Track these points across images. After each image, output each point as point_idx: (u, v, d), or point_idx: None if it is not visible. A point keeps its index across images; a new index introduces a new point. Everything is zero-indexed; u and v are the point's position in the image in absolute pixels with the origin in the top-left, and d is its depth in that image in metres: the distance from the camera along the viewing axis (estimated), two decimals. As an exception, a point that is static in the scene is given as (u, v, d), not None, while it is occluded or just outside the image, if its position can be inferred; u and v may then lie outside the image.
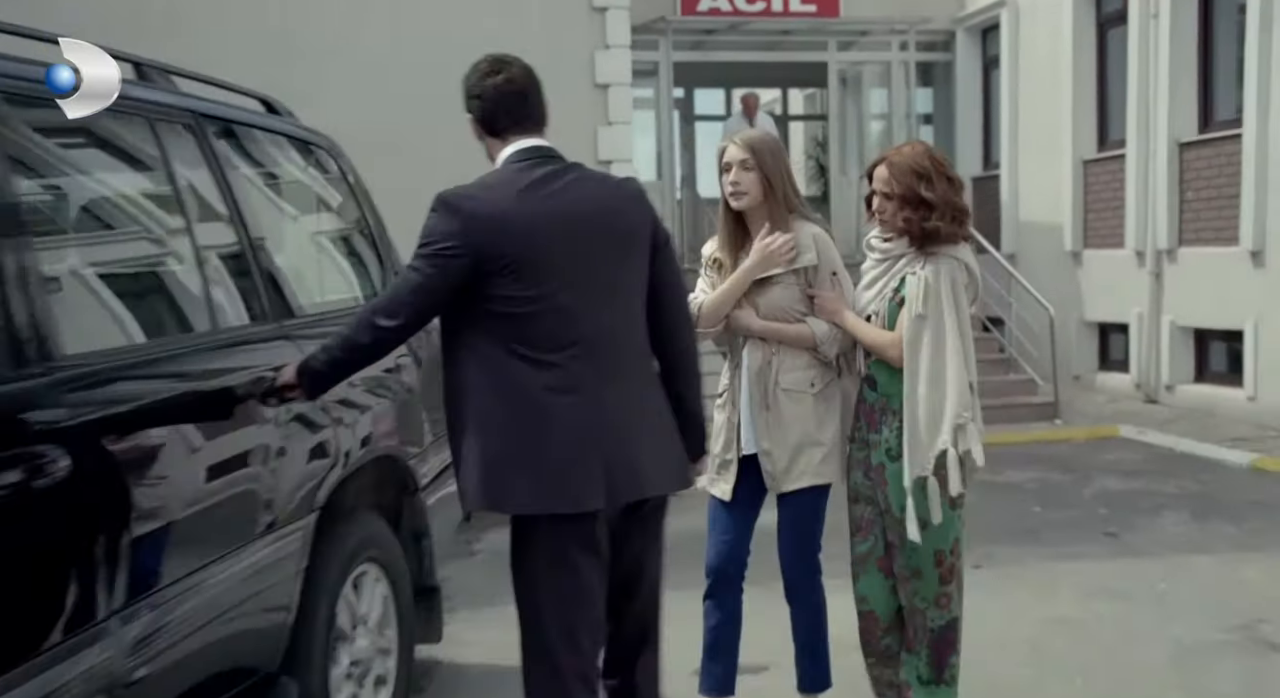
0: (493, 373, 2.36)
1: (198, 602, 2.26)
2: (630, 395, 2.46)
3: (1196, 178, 9.40)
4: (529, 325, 2.35)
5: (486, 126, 2.52)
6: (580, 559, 2.38)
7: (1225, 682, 3.77)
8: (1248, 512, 6.15)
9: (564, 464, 2.34)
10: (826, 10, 12.38)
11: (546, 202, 2.38)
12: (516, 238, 2.33)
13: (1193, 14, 9.49)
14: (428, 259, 2.35)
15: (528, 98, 2.51)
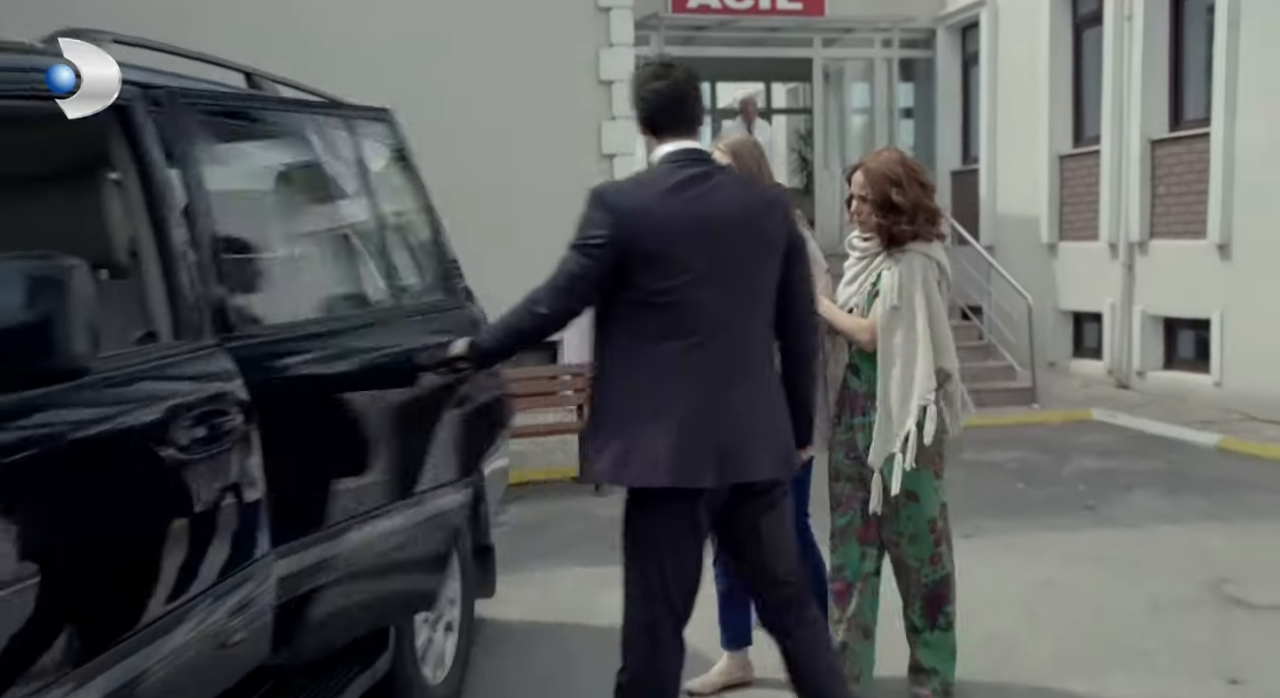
0: (630, 358, 2.60)
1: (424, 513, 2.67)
2: (749, 387, 2.66)
3: (1167, 174, 9.85)
4: (663, 315, 2.57)
5: (648, 126, 2.73)
6: (683, 531, 2.63)
7: (1196, 631, 4.20)
8: (1214, 488, 6.60)
9: (682, 445, 2.55)
10: (812, 9, 12.75)
11: (690, 202, 2.60)
12: (656, 233, 2.56)
13: (1164, 17, 9.94)
14: (581, 249, 2.58)
15: (685, 102, 2.72)
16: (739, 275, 2.63)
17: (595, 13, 8.09)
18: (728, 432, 2.60)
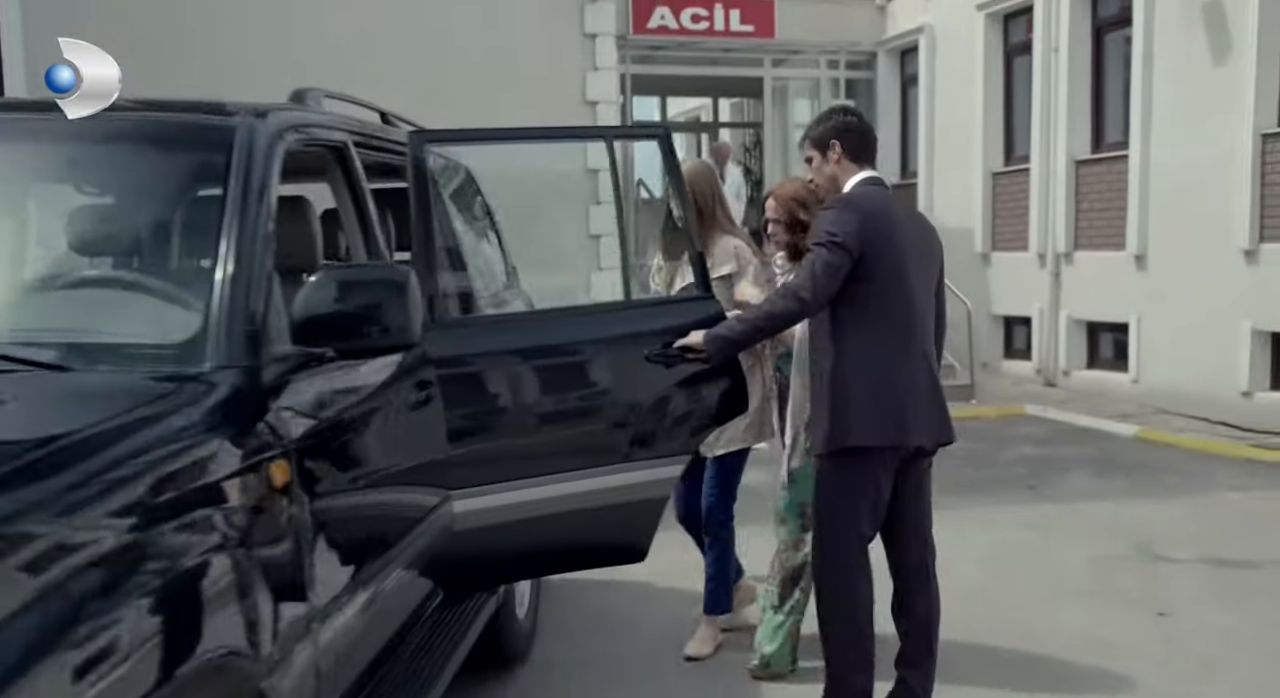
0: (859, 338, 3.19)
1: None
2: (930, 367, 3.26)
3: (1090, 191, 10.86)
4: (886, 304, 3.17)
5: (851, 154, 3.32)
6: (881, 481, 3.24)
7: (1128, 579, 5.05)
8: (1135, 470, 7.52)
9: (894, 410, 3.17)
10: (763, 31, 13.59)
11: (899, 218, 3.27)
12: (885, 239, 3.16)
13: (1086, 49, 10.94)
14: (835, 247, 3.09)
15: (870, 137, 3.38)
16: (925, 278, 3.29)
17: (583, 39, 8.81)
18: (925, 402, 3.25)
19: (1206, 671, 3.95)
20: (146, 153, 2.45)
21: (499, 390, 3.01)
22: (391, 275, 2.18)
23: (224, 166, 2.26)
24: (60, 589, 1.33)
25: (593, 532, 3.15)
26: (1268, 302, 8.82)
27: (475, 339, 2.99)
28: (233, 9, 7.99)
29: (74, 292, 2.23)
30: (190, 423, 1.76)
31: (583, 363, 3.16)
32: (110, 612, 1.40)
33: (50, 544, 1.37)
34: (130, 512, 1.52)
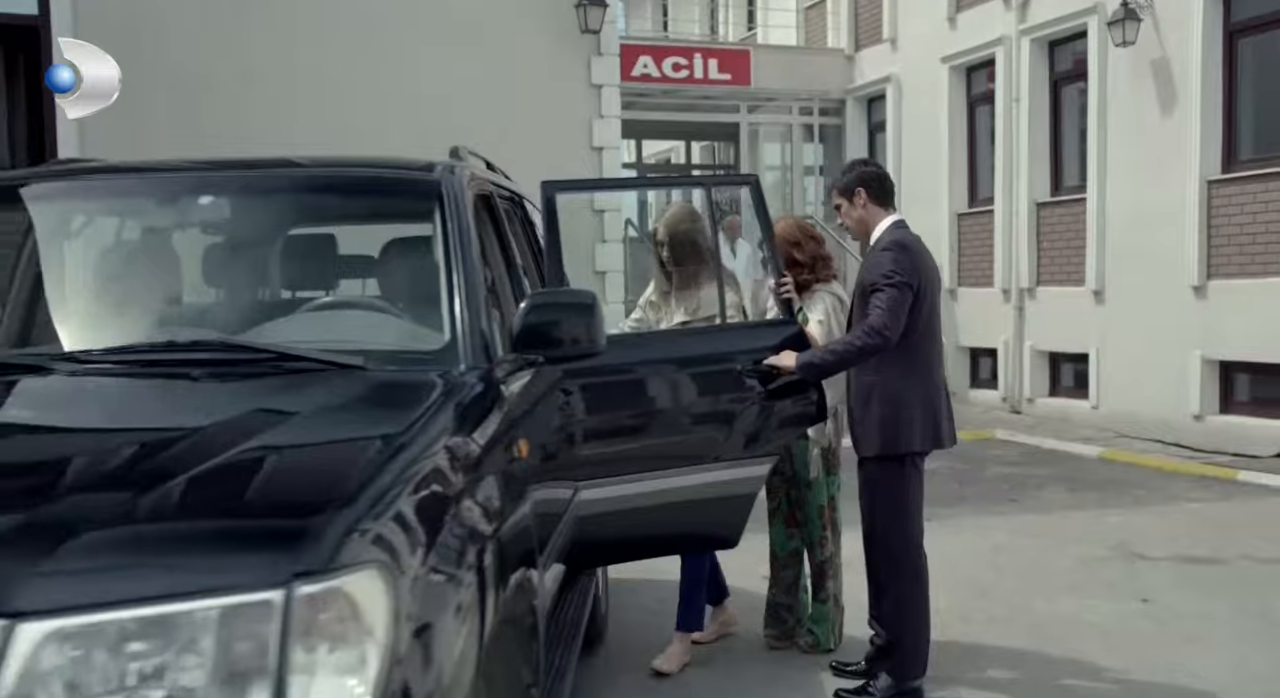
0: (907, 361, 3.80)
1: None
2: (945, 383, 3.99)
3: (1050, 231, 11.69)
4: (924, 330, 3.80)
5: (875, 199, 3.95)
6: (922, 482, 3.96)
7: (1112, 573, 5.71)
8: (1104, 486, 8.23)
9: (941, 419, 3.85)
10: (740, 80, 14.40)
11: (928, 254, 3.92)
12: (926, 274, 3.81)
13: (1045, 100, 11.82)
14: (901, 286, 3.69)
15: (888, 183, 4.03)
16: (939, 310, 3.95)
17: (589, 89, 9.44)
18: (947, 412, 3.92)
19: (1189, 645, 4.59)
20: (375, 200, 3.01)
21: (623, 396, 3.59)
22: (584, 299, 2.74)
23: (437, 211, 2.82)
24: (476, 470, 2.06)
25: (692, 520, 3.72)
26: (1216, 333, 9.65)
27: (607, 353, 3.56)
28: (264, 68, 8.50)
29: (345, 312, 2.78)
30: (470, 400, 2.32)
31: (689, 375, 3.73)
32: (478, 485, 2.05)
33: (460, 449, 2.01)
34: (470, 443, 2.11)
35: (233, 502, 1.67)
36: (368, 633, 1.47)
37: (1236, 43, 9.65)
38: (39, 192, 3.03)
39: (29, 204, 3.00)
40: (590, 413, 3.43)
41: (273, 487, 1.73)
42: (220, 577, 1.43)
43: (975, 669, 4.31)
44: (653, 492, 3.56)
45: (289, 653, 1.41)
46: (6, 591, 1.36)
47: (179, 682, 1.38)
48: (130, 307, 2.80)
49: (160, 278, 2.93)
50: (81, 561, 1.43)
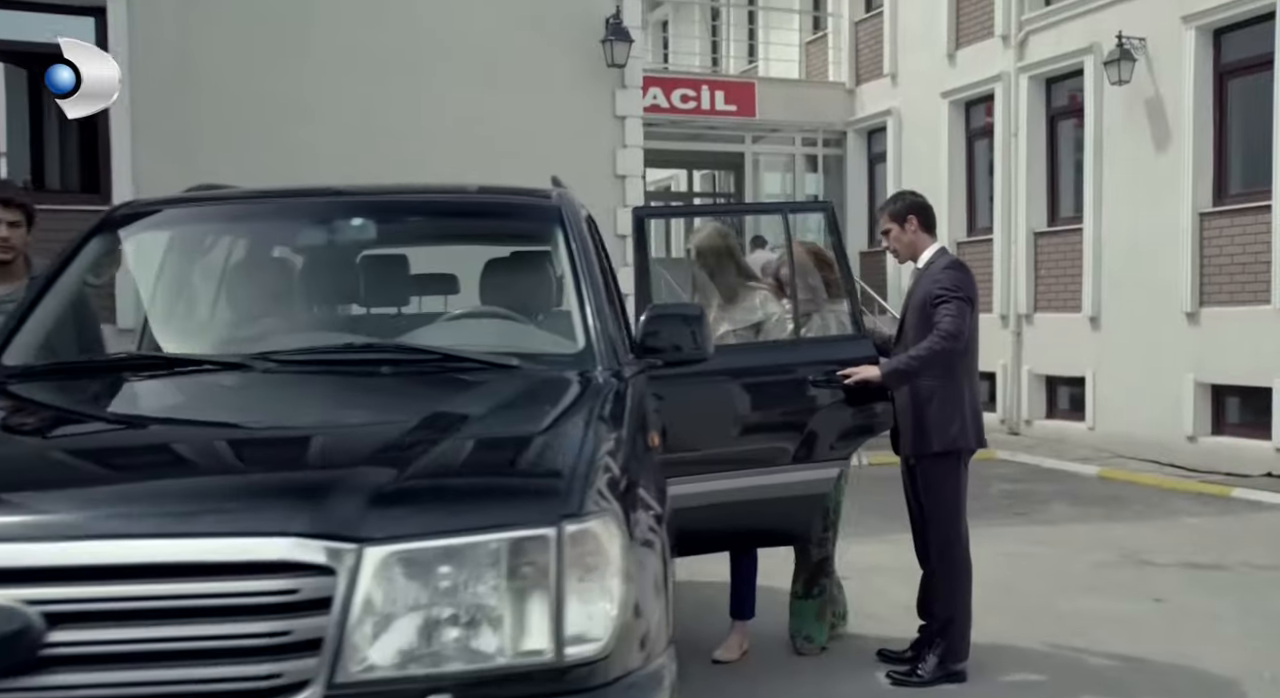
0: (954, 367, 4.25)
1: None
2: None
3: (1047, 259, 12.18)
4: (971, 341, 4.27)
5: (924, 226, 4.45)
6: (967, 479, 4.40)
7: (1125, 576, 6.13)
8: (1105, 502, 8.66)
9: (978, 422, 4.34)
10: (745, 111, 14.90)
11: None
12: (977, 294, 4.35)
13: (1042, 134, 12.35)
14: (963, 300, 4.18)
15: (933, 213, 4.49)
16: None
17: (613, 120, 9.88)
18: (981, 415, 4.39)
19: (1202, 639, 4.99)
20: (503, 222, 3.40)
21: (709, 400, 3.97)
22: (695, 311, 3.13)
23: (560, 231, 3.21)
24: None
25: (767, 517, 4.12)
26: (1208, 358, 10.13)
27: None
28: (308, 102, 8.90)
29: (481, 321, 3.15)
30: (615, 395, 2.69)
31: (768, 384, 4.14)
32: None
33: (630, 433, 2.36)
34: (633, 429, 2.47)
35: (503, 465, 2.09)
36: (609, 562, 1.85)
37: (1226, 83, 10.20)
38: (212, 213, 3.41)
39: (202, 225, 3.37)
40: (683, 413, 3.80)
41: (527, 455, 2.13)
42: (509, 517, 1.81)
43: (1010, 657, 4.70)
44: (734, 489, 3.94)
45: (562, 575, 1.79)
46: (358, 524, 1.74)
47: (479, 595, 1.76)
48: (297, 315, 3.18)
49: (318, 289, 3.31)
50: (406, 504, 1.81)
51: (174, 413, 2.48)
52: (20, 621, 1.63)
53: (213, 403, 2.51)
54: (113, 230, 3.32)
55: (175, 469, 2.09)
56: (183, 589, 1.68)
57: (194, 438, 2.28)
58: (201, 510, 1.81)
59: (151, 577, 1.68)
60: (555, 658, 1.77)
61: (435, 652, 1.74)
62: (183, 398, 2.55)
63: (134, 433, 2.35)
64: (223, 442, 2.23)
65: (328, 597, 1.70)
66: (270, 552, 1.70)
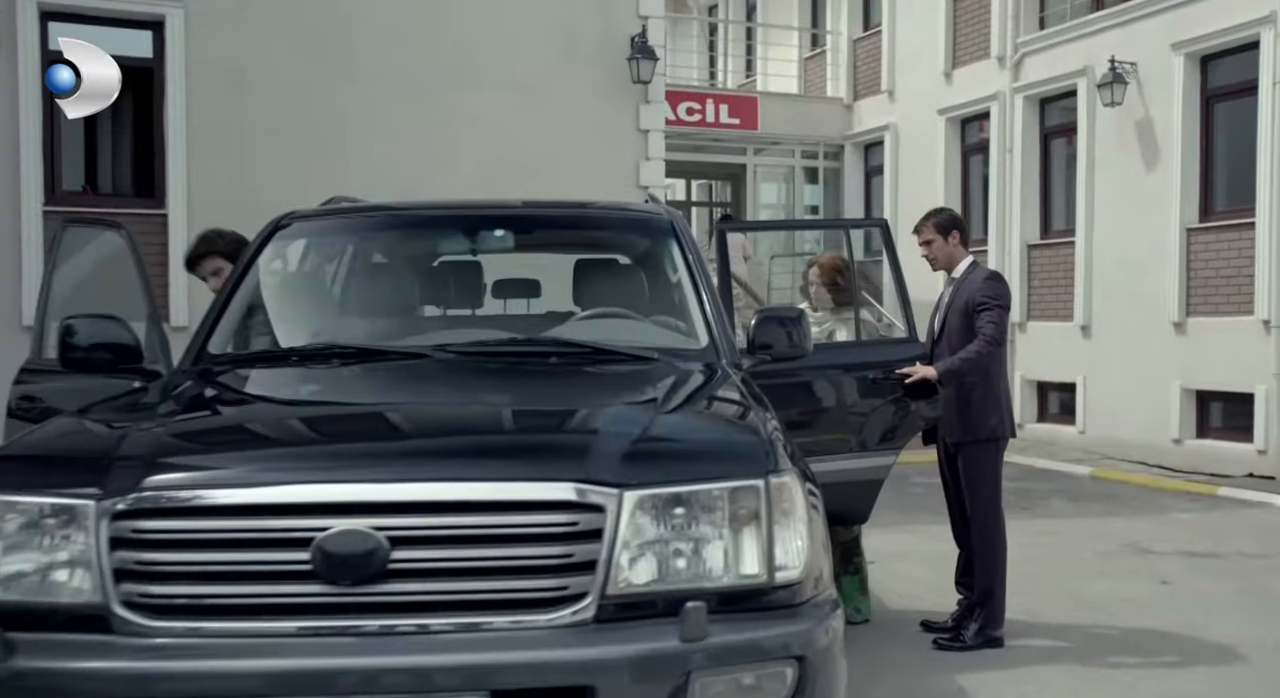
0: (999, 368, 4.87)
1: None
2: None
3: (1040, 270, 12.78)
4: (1007, 342, 4.88)
5: (962, 240, 5.06)
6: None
7: (1130, 562, 6.69)
8: (1101, 499, 9.24)
9: (1011, 413, 4.87)
10: (748, 125, 15.46)
11: None
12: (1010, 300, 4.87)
13: (1036, 151, 12.95)
14: (1003, 308, 4.76)
15: (968, 228, 5.05)
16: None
17: (637, 133, 10.39)
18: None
19: (1208, 614, 5.53)
20: (624, 233, 3.90)
21: (790, 393, 4.46)
22: (795, 314, 3.63)
23: (674, 241, 3.71)
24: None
25: (834, 499, 4.62)
26: (1194, 365, 10.74)
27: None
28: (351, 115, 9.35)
29: (610, 320, 3.61)
30: (745, 383, 3.17)
31: (837, 380, 4.65)
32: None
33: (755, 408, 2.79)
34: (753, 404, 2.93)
35: (712, 431, 2.62)
36: (798, 509, 2.35)
37: (1213, 106, 10.83)
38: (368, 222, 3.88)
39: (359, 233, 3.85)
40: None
41: (726, 425, 2.66)
42: (728, 471, 2.31)
43: (1039, 629, 5.23)
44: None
45: (770, 516, 2.28)
46: (618, 474, 2.22)
47: (708, 530, 2.25)
48: (451, 312, 3.66)
49: (464, 290, 3.79)
50: (650, 460, 2.31)
51: (418, 390, 2.94)
52: (373, 542, 2.11)
53: (438, 383, 2.98)
54: (281, 236, 3.78)
55: (468, 431, 2.58)
56: (492, 521, 2.17)
57: (464, 408, 2.76)
58: (505, 462, 2.32)
59: (469, 512, 2.17)
60: (767, 580, 2.27)
61: (677, 573, 2.23)
62: (410, 379, 3.01)
63: (410, 403, 2.81)
64: (492, 411, 2.72)
65: (599, 529, 2.18)
66: (558, 493, 2.19)
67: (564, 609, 2.15)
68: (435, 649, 2.09)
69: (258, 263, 3.63)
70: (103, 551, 2.14)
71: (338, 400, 2.94)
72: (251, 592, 2.13)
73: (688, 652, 2.12)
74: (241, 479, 2.23)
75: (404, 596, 2.13)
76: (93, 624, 2.14)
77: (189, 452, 2.47)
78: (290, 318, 3.64)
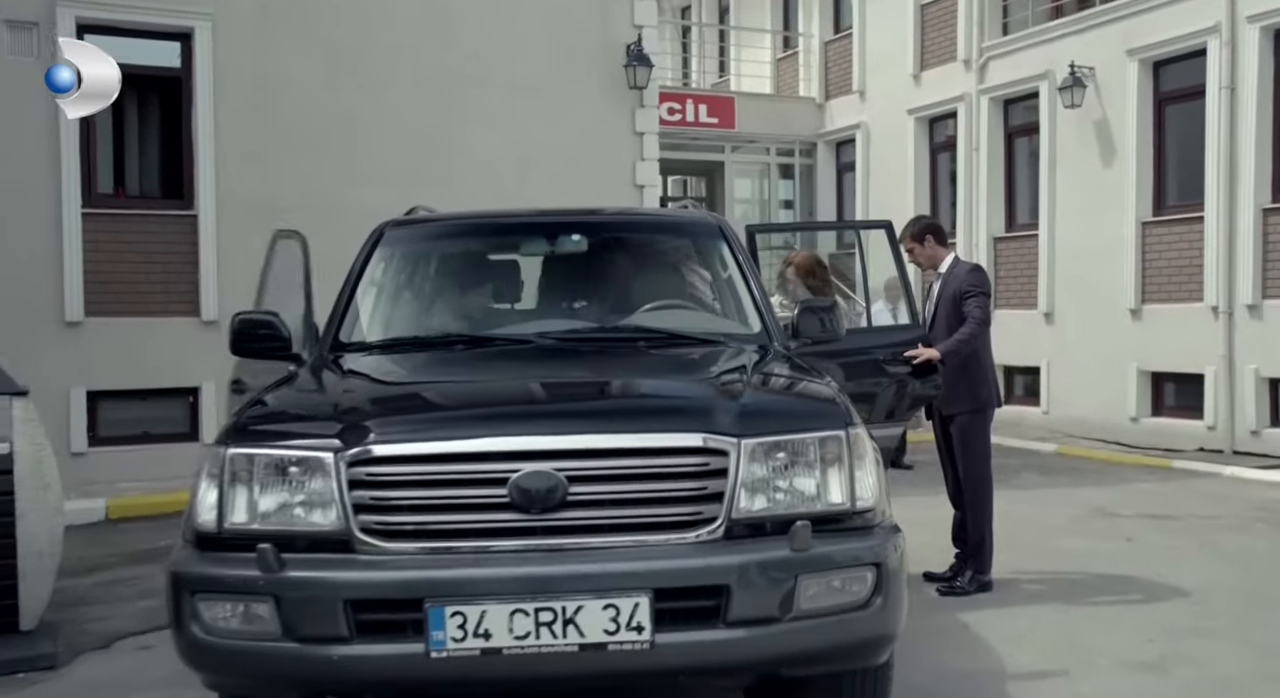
0: (985, 347, 5.53)
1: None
2: None
3: (1005, 262, 13.60)
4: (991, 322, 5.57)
5: (940, 242, 5.76)
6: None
7: (1099, 525, 7.47)
8: (1067, 472, 10.04)
9: (997, 386, 5.61)
10: (726, 124, 16.16)
11: None
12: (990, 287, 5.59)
13: (1001, 150, 13.75)
14: (985, 295, 5.50)
15: (944, 230, 5.73)
16: None
17: (633, 136, 11.05)
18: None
19: (1170, 564, 6.29)
20: (678, 237, 4.58)
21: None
22: (829, 304, 4.30)
23: (723, 242, 4.38)
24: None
25: None
26: (1149, 349, 11.59)
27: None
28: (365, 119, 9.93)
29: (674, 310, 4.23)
30: (797, 359, 3.84)
31: (853, 360, 5.33)
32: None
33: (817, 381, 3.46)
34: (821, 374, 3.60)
35: (799, 394, 3.29)
36: (868, 455, 3.02)
37: (1165, 109, 11.68)
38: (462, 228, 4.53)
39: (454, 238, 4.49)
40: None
41: (807, 389, 3.32)
42: (818, 425, 2.98)
43: (1025, 578, 5.97)
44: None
45: (850, 458, 2.96)
46: (735, 427, 2.88)
47: (805, 469, 2.92)
48: (543, 305, 4.32)
49: (550, 286, 4.43)
50: (758, 416, 2.97)
51: (549, 367, 3.58)
52: (555, 480, 2.76)
53: (559, 362, 3.63)
54: (385, 241, 4.40)
55: (615, 396, 3.25)
56: (644, 463, 2.83)
57: (601, 378, 3.42)
58: (649, 418, 3.01)
59: (626, 456, 2.83)
60: (850, 508, 2.95)
61: (782, 502, 2.90)
62: (534, 359, 3.65)
63: (551, 377, 3.46)
64: (627, 381, 3.38)
65: (724, 468, 2.85)
66: (692, 441, 2.86)
67: (700, 530, 2.81)
68: (608, 559, 2.74)
69: (369, 264, 4.26)
70: (344, 490, 2.78)
71: (491, 374, 3.58)
72: (462, 519, 2.78)
73: (796, 559, 2.79)
74: (449, 433, 2.88)
75: (579, 520, 2.78)
76: (337, 547, 2.78)
77: (399, 412, 3.13)
78: (404, 311, 4.26)
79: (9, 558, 4.44)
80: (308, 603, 2.70)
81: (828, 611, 2.83)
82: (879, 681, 3.24)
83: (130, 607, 5.58)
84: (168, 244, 9.32)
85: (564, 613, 2.66)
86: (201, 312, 9.39)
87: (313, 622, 2.69)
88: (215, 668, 2.85)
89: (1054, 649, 4.71)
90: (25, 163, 8.79)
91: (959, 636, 4.96)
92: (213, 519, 2.84)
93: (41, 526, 4.49)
